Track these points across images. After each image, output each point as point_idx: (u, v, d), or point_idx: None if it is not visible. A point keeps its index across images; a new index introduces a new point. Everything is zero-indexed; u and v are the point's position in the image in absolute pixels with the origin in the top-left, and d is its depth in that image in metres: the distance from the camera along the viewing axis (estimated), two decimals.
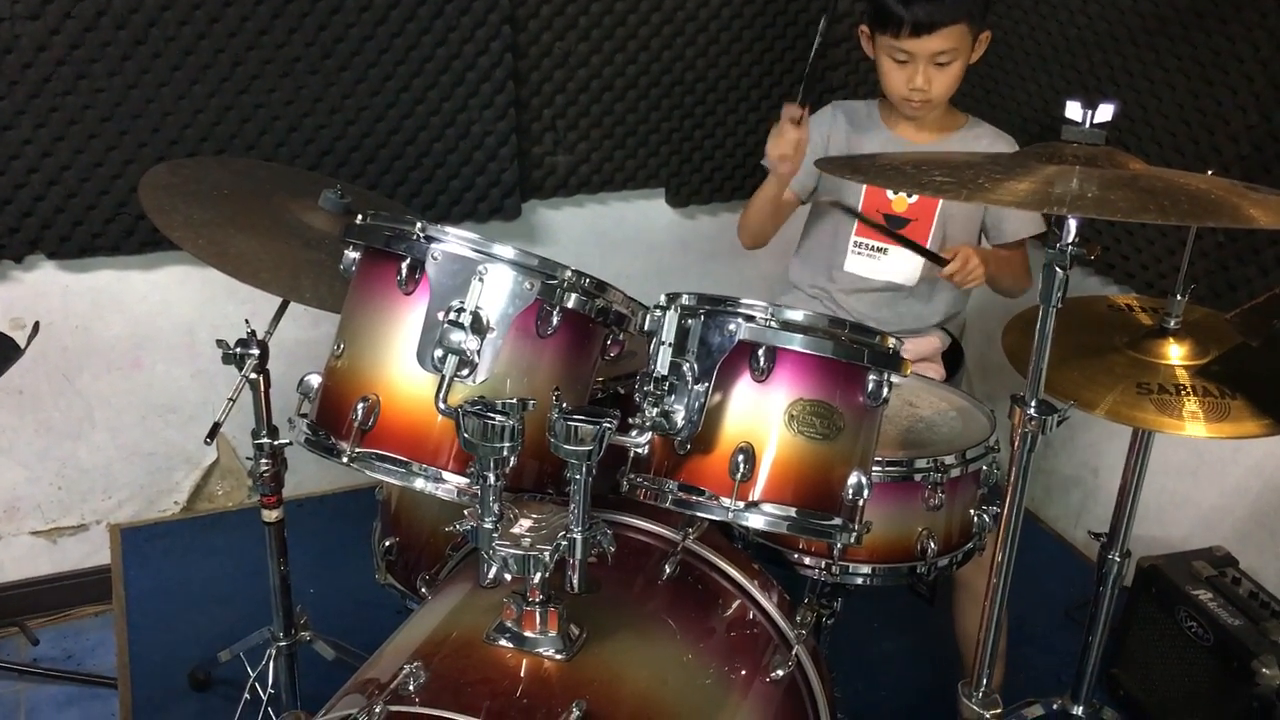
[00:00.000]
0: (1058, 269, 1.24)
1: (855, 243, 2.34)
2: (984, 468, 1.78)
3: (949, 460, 1.71)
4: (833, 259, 2.37)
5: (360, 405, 1.45)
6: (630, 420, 1.42)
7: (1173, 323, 1.65)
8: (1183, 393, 1.56)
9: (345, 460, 1.45)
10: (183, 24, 2.34)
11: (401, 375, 1.46)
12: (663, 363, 1.41)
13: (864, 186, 2.29)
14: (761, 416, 1.39)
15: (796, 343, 1.38)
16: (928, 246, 2.27)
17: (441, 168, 2.69)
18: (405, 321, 1.46)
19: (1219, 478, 2.51)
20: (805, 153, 2.18)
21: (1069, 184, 1.15)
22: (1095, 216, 1.09)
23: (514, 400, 1.35)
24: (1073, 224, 1.22)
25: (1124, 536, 1.82)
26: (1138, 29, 2.44)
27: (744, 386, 1.40)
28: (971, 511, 1.79)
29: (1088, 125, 1.27)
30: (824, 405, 1.40)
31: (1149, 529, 2.59)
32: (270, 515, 1.88)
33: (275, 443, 1.84)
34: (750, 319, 1.39)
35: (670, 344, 1.41)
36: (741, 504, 1.39)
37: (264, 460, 1.84)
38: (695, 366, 1.40)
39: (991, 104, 2.90)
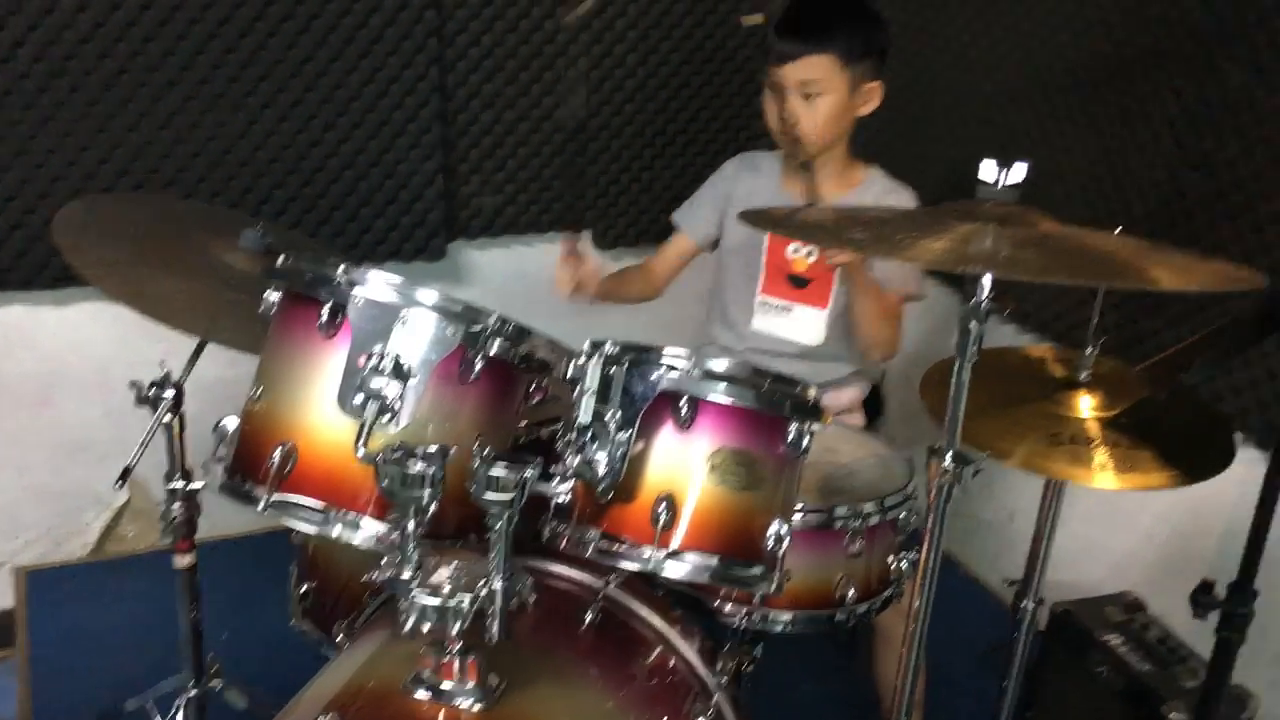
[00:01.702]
0: (972, 324, 1.27)
1: (762, 302, 2.33)
2: (902, 515, 1.80)
3: (868, 508, 1.73)
4: (739, 316, 2.36)
5: (278, 450, 1.43)
6: (552, 468, 1.41)
7: (1083, 375, 1.69)
8: (1093, 444, 1.59)
9: (261, 508, 1.42)
10: (102, 57, 2.31)
11: (321, 421, 1.44)
12: (586, 411, 1.41)
13: (766, 243, 2.31)
14: (684, 465, 1.40)
15: (719, 393, 1.39)
16: (828, 307, 2.27)
17: (366, 206, 2.68)
18: (326, 366, 1.44)
19: (1129, 524, 2.58)
20: (594, 275, 2.19)
21: (983, 243, 1.18)
22: (1007, 277, 1.12)
23: (435, 448, 1.34)
24: (987, 280, 1.25)
25: (1037, 584, 1.86)
26: (1051, 86, 2.52)
27: (667, 435, 1.40)
28: (890, 558, 1.81)
29: (1001, 185, 1.30)
30: (746, 454, 1.41)
31: (1062, 573, 2.64)
32: (182, 561, 1.84)
33: (189, 487, 1.80)
34: (673, 369, 1.39)
35: (594, 392, 1.41)
36: (663, 553, 1.39)
37: (177, 505, 1.79)
38: (618, 415, 1.40)
39: (904, 158, 2.95)
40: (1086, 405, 1.67)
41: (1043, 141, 2.56)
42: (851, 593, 1.73)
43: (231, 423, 1.54)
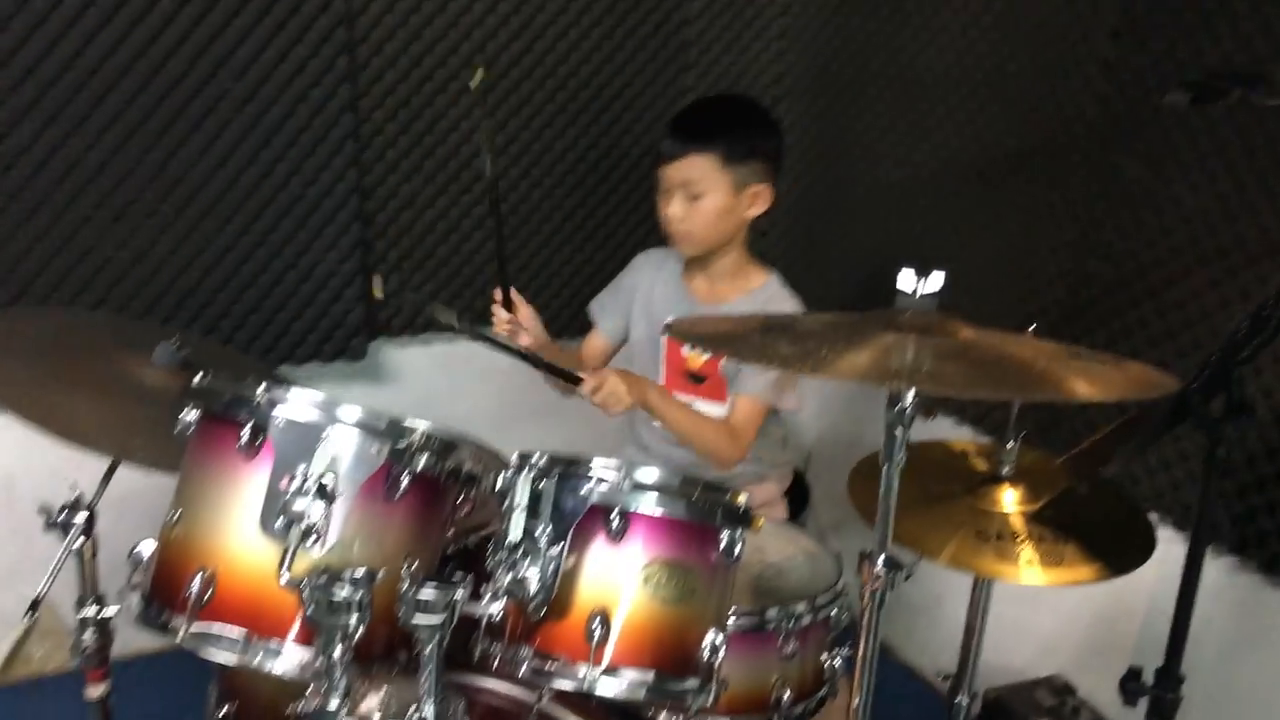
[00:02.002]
0: (898, 430, 1.28)
1: None
2: (833, 612, 1.80)
3: (799, 609, 1.72)
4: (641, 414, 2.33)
5: (197, 577, 1.38)
6: (483, 587, 1.39)
7: (1006, 470, 1.71)
8: (1019, 539, 1.61)
9: (179, 639, 1.38)
10: (8, 169, 2.26)
11: (242, 545, 1.40)
12: (516, 527, 1.39)
13: (664, 340, 2.32)
14: (617, 579, 1.38)
15: (650, 504, 1.39)
16: (728, 402, 2.25)
17: (283, 310, 2.64)
18: (247, 489, 1.41)
19: (1054, 605, 2.60)
20: (534, 326, 2.26)
21: (905, 355, 1.20)
22: (932, 392, 1.14)
23: (362, 571, 1.31)
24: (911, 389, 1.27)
25: (970, 678, 1.87)
26: (956, 180, 2.60)
27: (599, 549, 1.39)
28: (823, 657, 1.80)
29: (919, 294, 1.33)
30: (679, 565, 1.40)
31: (989, 655, 2.63)
32: (95, 691, 1.76)
33: (101, 614, 1.73)
34: (603, 481, 1.39)
35: (524, 508, 1.39)
36: (598, 670, 1.36)
37: (89, 633, 1.72)
38: (549, 530, 1.38)
39: (808, 256, 3.01)
40: (1010, 500, 1.69)
41: (951, 234, 2.63)
42: (787, 695, 1.72)
43: (147, 548, 1.49)
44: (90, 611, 1.72)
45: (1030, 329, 1.59)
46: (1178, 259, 2.17)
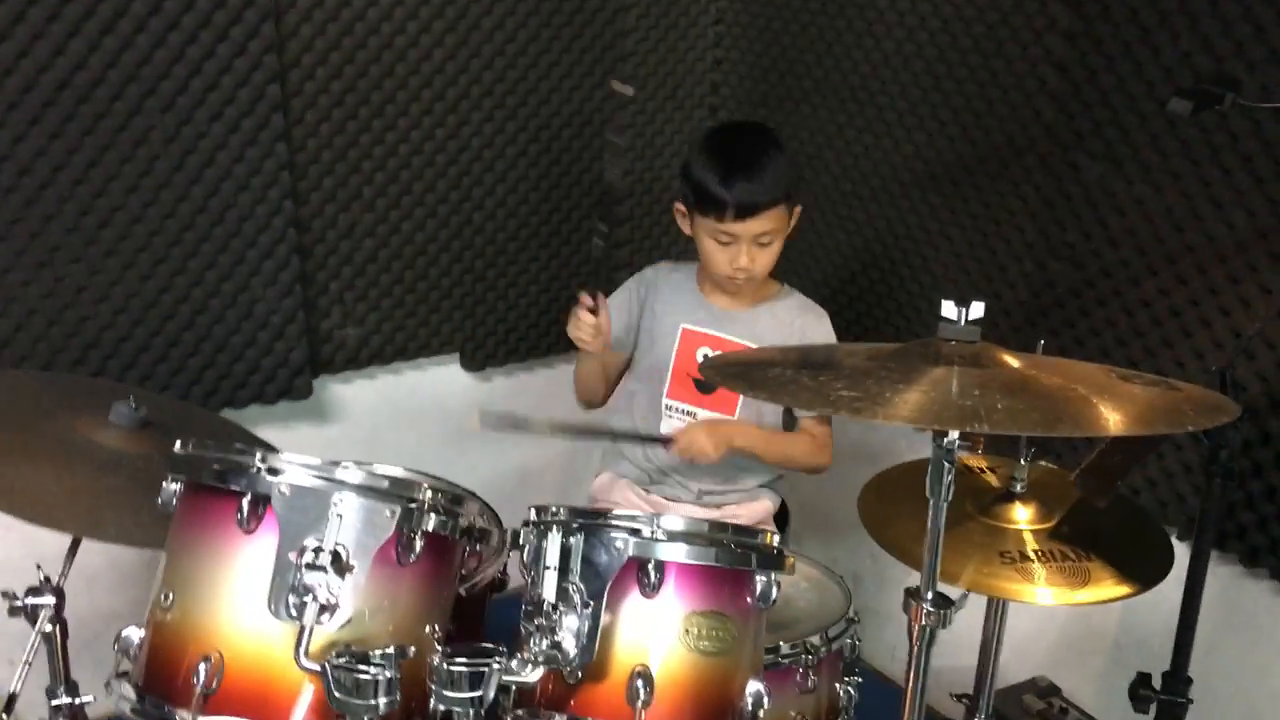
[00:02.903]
0: (945, 464, 1.24)
1: (667, 405, 2.28)
2: (847, 642, 1.76)
3: (814, 641, 1.68)
4: (648, 422, 2.31)
5: (202, 665, 1.28)
6: (521, 653, 1.31)
7: (1019, 487, 1.68)
8: (1041, 559, 1.58)
9: None
10: None
11: (249, 628, 1.30)
12: (549, 589, 1.31)
13: (675, 347, 2.28)
14: (656, 635, 1.33)
15: (685, 554, 1.33)
16: (738, 414, 2.24)
17: (223, 352, 2.50)
18: (250, 565, 1.32)
19: (1028, 606, 2.60)
20: (608, 331, 2.16)
21: (969, 392, 1.15)
22: (1009, 433, 1.10)
23: (391, 648, 1.23)
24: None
25: (989, 701, 1.85)
26: (911, 184, 2.58)
27: (634, 604, 1.33)
28: (837, 686, 1.76)
29: (963, 323, 1.29)
30: (718, 615, 1.34)
31: (968, 659, 2.65)
32: None
33: (77, 701, 1.59)
34: (635, 533, 1.32)
35: (556, 567, 1.32)
36: None
37: None
38: (583, 589, 1.31)
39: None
40: (1024, 517, 1.66)
41: (907, 237, 2.62)
42: None
43: (135, 634, 1.38)
44: (63, 699, 1.58)
45: (1039, 346, 1.58)
46: (1141, 259, 2.18)
